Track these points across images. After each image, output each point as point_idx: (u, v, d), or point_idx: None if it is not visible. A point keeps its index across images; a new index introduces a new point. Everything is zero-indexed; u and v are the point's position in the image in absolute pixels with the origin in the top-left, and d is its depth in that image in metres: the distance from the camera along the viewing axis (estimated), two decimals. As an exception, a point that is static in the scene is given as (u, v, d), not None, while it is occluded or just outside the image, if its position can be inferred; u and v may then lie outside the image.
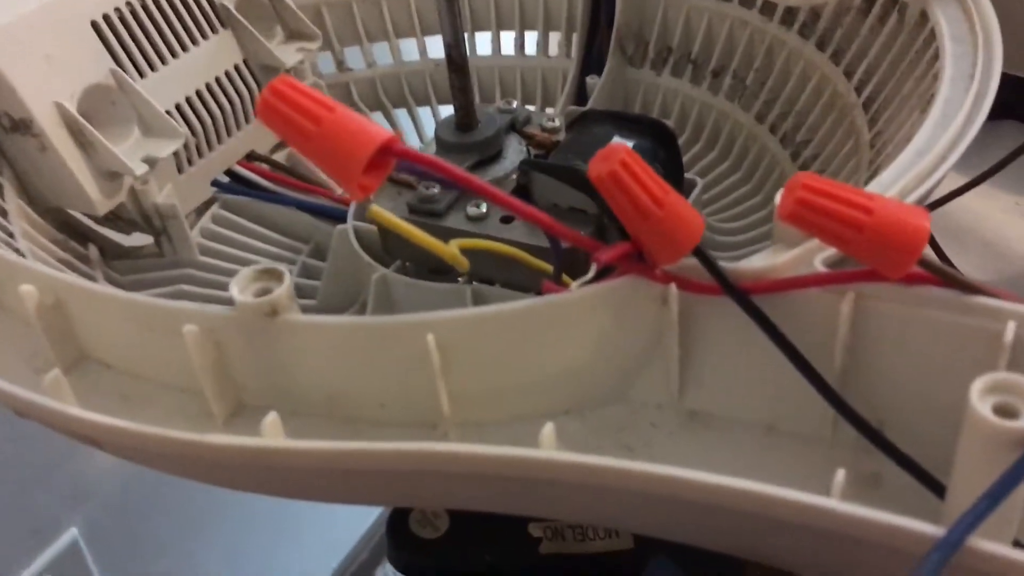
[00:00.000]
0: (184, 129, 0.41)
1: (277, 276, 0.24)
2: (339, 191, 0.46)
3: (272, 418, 0.22)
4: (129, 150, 0.39)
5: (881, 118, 0.35)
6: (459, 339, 0.23)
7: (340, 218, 0.44)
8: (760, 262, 0.24)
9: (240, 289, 0.24)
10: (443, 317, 0.23)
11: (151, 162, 0.39)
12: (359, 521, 0.85)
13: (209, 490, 0.29)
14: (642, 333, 0.25)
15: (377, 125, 0.21)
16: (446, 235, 0.36)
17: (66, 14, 0.38)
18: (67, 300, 0.26)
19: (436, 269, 0.38)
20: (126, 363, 0.27)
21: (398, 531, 0.32)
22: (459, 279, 0.37)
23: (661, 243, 0.23)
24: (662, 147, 0.36)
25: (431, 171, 0.22)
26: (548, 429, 0.22)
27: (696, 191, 0.39)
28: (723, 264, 0.23)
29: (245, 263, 0.42)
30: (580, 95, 0.48)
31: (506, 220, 0.36)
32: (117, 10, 0.40)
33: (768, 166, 0.43)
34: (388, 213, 0.24)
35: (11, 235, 0.35)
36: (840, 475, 0.20)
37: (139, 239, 0.43)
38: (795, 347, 0.23)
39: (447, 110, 0.49)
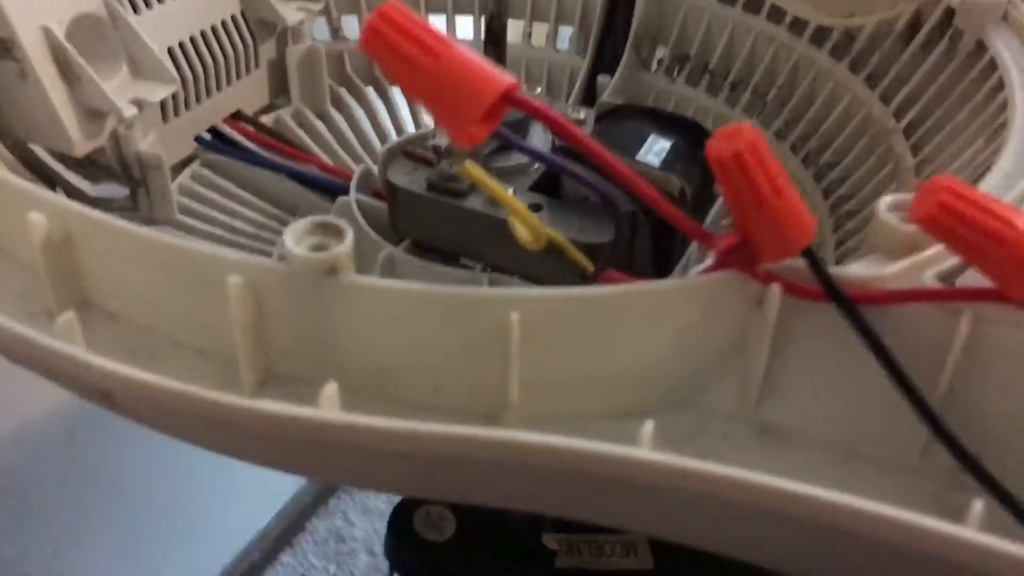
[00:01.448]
0: (176, 75, 0.37)
1: (337, 232, 0.21)
2: (330, 161, 0.43)
3: (331, 390, 0.19)
4: (117, 89, 0.35)
5: (927, 145, 0.34)
6: (544, 320, 0.21)
7: (331, 190, 0.41)
8: (865, 270, 0.22)
9: (295, 241, 0.21)
10: (530, 294, 0.21)
11: (139, 105, 0.35)
12: (253, 520, 0.81)
13: (100, 485, 0.26)
14: (727, 334, 0.23)
15: (497, 68, 0.19)
16: (465, 216, 0.34)
17: (63, -69, 0.34)
18: (79, 235, 0.22)
19: (447, 253, 0.35)
20: (137, 314, 0.23)
21: (401, 528, 0.29)
22: (468, 267, 0.35)
23: (771, 238, 0.21)
24: (700, 150, 0.35)
25: (552, 126, 0.19)
26: (648, 427, 0.20)
27: (717, 205, 0.38)
28: (830, 268, 0.22)
29: (226, 227, 0.39)
30: (589, 93, 0.46)
31: (533, 208, 0.34)
32: (117, -64, 0.36)
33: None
34: (483, 173, 0.22)
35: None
36: (978, 506, 0.18)
37: (107, 190, 0.39)
38: (900, 364, 0.21)
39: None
